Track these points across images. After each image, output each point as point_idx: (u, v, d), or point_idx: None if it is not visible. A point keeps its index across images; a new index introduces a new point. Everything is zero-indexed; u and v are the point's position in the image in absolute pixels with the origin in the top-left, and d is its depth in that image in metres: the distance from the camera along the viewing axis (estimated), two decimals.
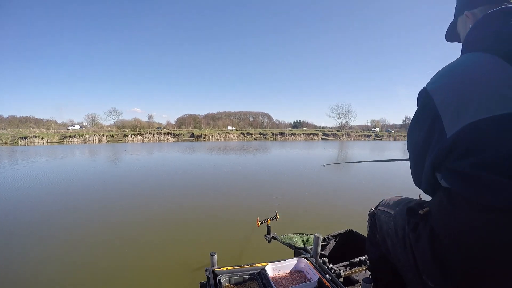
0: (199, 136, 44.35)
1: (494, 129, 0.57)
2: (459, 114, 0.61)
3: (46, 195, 6.22)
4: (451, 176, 0.64)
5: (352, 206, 5.12)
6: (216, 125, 63.90)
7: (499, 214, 0.56)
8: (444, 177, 0.66)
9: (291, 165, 11.96)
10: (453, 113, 0.62)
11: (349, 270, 1.65)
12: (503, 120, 0.56)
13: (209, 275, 1.11)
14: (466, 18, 0.78)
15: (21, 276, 2.72)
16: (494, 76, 0.60)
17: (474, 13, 0.75)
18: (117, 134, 41.42)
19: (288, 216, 4.29)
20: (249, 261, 1.26)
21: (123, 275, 2.74)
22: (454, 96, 0.63)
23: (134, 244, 3.45)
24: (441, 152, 0.64)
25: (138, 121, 59.84)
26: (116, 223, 4.26)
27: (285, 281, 1.09)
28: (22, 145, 31.22)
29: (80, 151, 20.28)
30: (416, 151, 0.75)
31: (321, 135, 53.12)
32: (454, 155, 0.62)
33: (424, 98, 0.70)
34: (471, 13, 0.76)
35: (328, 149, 23.91)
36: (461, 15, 0.81)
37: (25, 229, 4.01)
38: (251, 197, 5.99)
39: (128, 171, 10.34)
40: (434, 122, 0.66)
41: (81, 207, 5.10)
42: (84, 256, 3.14)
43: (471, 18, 0.76)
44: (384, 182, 7.81)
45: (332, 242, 1.99)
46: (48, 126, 50.91)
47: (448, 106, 0.63)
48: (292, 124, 77.15)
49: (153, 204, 5.32)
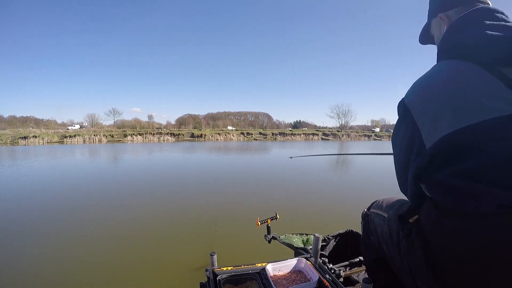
0: (199, 136, 44.36)
1: (470, 138, 0.57)
2: (436, 125, 0.61)
3: (46, 194, 6.22)
4: (433, 186, 0.64)
5: (352, 206, 5.12)
6: (216, 125, 63.93)
7: (483, 220, 0.56)
8: (426, 188, 0.67)
9: (291, 165, 11.96)
10: (431, 125, 0.62)
11: (349, 270, 1.65)
12: (479, 129, 0.56)
13: (209, 275, 1.10)
14: (440, 21, 0.78)
15: (21, 274, 2.72)
16: (472, 86, 0.59)
17: (449, 15, 0.75)
18: (117, 134, 41.42)
19: (288, 216, 4.29)
20: (249, 261, 1.26)
21: (123, 275, 2.74)
22: (431, 108, 0.63)
23: (134, 244, 3.45)
24: (422, 163, 0.64)
25: (138, 121, 59.92)
26: (116, 223, 4.26)
27: (285, 281, 1.09)
28: (22, 145, 31.23)
29: (80, 151, 20.29)
30: (399, 161, 0.75)
31: (321, 135, 53.13)
32: (434, 166, 0.63)
33: (403, 110, 0.70)
34: (446, 15, 0.75)
35: (328, 149, 23.90)
36: (435, 17, 0.80)
37: (25, 228, 4.01)
38: (251, 197, 5.99)
39: (128, 171, 10.34)
40: (414, 133, 0.66)
41: (81, 207, 5.10)
42: (84, 255, 3.14)
43: (446, 20, 0.75)
44: (384, 181, 7.80)
45: (332, 242, 1.99)
46: (48, 126, 50.94)
47: (426, 118, 0.63)
48: (292, 124, 77.20)
49: (153, 204, 5.32)
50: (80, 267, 2.88)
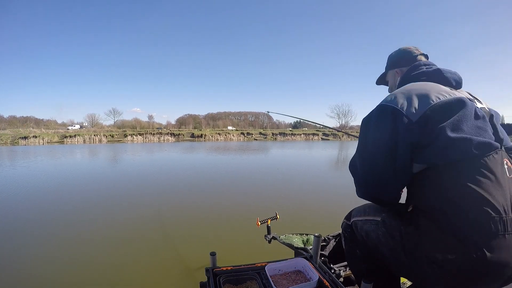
0: (199, 136, 44.37)
1: (438, 110, 0.79)
2: (417, 106, 0.80)
3: (46, 194, 6.21)
4: (435, 150, 0.77)
5: (352, 206, 5.10)
6: (216, 125, 63.96)
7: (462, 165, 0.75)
8: (425, 160, 0.79)
9: (291, 165, 11.96)
10: (412, 107, 0.80)
11: (349, 270, 1.65)
12: (444, 104, 0.80)
13: (209, 275, 1.10)
14: (395, 73, 1.16)
15: (20, 274, 2.72)
16: (432, 86, 0.88)
17: (402, 70, 1.12)
18: (117, 134, 41.43)
19: (288, 216, 4.29)
20: (249, 261, 1.26)
21: (123, 274, 2.74)
22: (409, 98, 0.83)
23: (134, 244, 3.44)
24: (415, 133, 0.78)
25: (138, 121, 59.97)
26: (115, 223, 4.25)
27: (285, 281, 1.09)
28: (22, 145, 31.24)
29: (80, 151, 20.29)
30: (381, 154, 0.83)
31: (321, 135, 53.11)
32: (428, 130, 0.77)
33: (382, 107, 0.87)
34: (400, 70, 1.13)
35: (327, 149, 23.90)
36: (392, 70, 1.18)
37: (25, 228, 4.01)
38: (251, 197, 5.99)
39: (128, 171, 10.34)
40: (396, 118, 0.81)
41: (80, 207, 5.10)
42: (83, 255, 3.14)
43: (399, 73, 1.13)
44: None
45: (332, 242, 1.99)
46: (48, 126, 50.99)
47: (407, 104, 0.81)
48: (292, 124, 77.18)
49: (153, 204, 5.32)
50: (79, 267, 2.88)
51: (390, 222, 0.90)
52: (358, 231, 1.06)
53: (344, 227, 1.16)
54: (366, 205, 1.07)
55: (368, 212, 1.03)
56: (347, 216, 1.16)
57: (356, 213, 1.09)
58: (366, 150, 0.88)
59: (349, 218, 1.14)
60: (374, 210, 1.00)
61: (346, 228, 1.15)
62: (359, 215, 1.07)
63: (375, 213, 0.99)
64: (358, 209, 1.10)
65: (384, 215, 0.94)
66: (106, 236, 3.72)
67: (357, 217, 1.07)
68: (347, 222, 1.14)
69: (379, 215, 0.96)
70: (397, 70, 1.14)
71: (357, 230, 1.06)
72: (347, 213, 1.18)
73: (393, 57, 1.17)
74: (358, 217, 1.06)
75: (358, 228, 1.05)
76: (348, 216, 1.15)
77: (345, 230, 1.15)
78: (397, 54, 1.15)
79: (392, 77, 1.18)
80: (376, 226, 0.95)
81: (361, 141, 0.90)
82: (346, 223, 1.15)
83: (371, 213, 1.01)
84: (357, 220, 1.07)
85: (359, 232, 1.05)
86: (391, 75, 1.19)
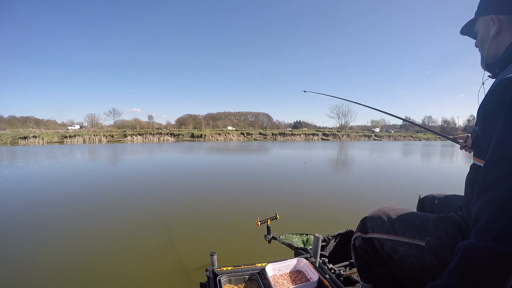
0: (199, 136, 44.35)
1: None
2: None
3: (46, 194, 6.21)
4: None
5: (352, 206, 5.12)
6: (216, 125, 63.92)
7: None
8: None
9: (291, 165, 11.95)
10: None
11: (349, 270, 1.65)
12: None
13: (209, 275, 1.10)
14: (490, 21, 0.78)
15: (20, 274, 2.72)
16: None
17: (500, 19, 0.75)
18: (117, 134, 41.41)
19: (288, 216, 4.29)
20: (249, 261, 1.26)
21: (123, 275, 2.74)
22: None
23: (134, 244, 3.44)
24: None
25: (138, 121, 59.89)
26: (115, 223, 4.25)
27: (285, 281, 1.09)
28: (22, 145, 31.20)
29: (80, 151, 20.27)
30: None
31: (321, 135, 53.13)
32: None
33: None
34: (497, 18, 0.75)
35: (328, 149, 23.90)
36: (484, 16, 0.81)
37: (25, 228, 4.01)
38: (251, 197, 5.99)
39: (128, 171, 10.34)
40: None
41: (80, 207, 5.09)
42: (83, 256, 3.13)
43: (496, 23, 0.75)
44: (385, 181, 7.81)
45: (332, 242, 1.99)
46: (48, 126, 50.93)
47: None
48: (292, 124, 77.16)
49: (153, 204, 5.32)
50: (79, 267, 2.87)
51: (442, 250, 0.72)
52: (385, 250, 0.88)
53: (360, 244, 0.96)
54: (389, 215, 0.88)
55: (401, 230, 0.83)
56: (361, 228, 0.96)
57: (377, 227, 0.90)
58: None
59: (364, 231, 0.94)
60: (411, 229, 0.81)
61: (363, 245, 0.95)
62: (384, 231, 0.88)
63: (413, 233, 0.80)
64: (379, 220, 0.90)
65: (430, 239, 0.76)
66: (106, 236, 3.72)
67: (381, 234, 0.89)
68: (363, 236, 0.94)
69: (420, 238, 0.78)
70: (493, 17, 0.77)
71: (383, 249, 0.89)
72: (360, 224, 0.98)
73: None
74: (383, 235, 0.88)
75: (386, 248, 0.88)
76: (364, 229, 0.95)
77: (361, 247, 0.96)
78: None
79: (485, 26, 0.82)
80: (420, 252, 0.78)
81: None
82: (362, 238, 0.95)
83: (407, 233, 0.81)
84: (382, 238, 0.89)
85: (388, 253, 0.88)
86: (482, 23, 0.83)
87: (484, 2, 0.82)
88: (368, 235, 0.93)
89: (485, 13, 0.80)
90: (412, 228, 0.81)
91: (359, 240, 0.97)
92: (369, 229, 0.93)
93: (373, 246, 0.92)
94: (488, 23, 0.79)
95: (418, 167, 11.64)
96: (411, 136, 57.14)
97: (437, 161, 14.37)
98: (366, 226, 0.94)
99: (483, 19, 0.82)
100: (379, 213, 0.92)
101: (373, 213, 0.95)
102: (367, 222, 0.94)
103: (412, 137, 56.24)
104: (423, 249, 0.77)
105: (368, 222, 0.94)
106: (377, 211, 0.93)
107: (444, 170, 10.98)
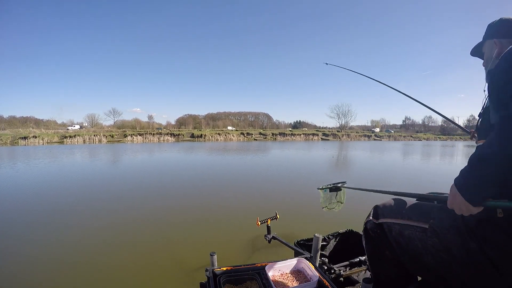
0: (199, 136, 44.36)
1: None
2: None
3: (45, 194, 6.21)
4: None
5: (352, 206, 5.11)
6: (216, 125, 63.94)
7: None
8: None
9: (291, 165, 11.95)
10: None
11: (349, 270, 1.65)
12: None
13: (209, 275, 1.10)
14: (493, 44, 0.95)
15: (19, 275, 2.72)
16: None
17: (502, 42, 0.91)
18: (117, 134, 41.42)
19: (288, 216, 4.29)
20: (249, 261, 1.26)
21: (123, 275, 2.74)
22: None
23: (134, 244, 3.44)
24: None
25: (138, 121, 59.90)
26: (115, 223, 4.25)
27: (285, 281, 1.09)
28: (22, 145, 31.22)
29: (79, 152, 20.27)
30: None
31: (321, 135, 53.15)
32: None
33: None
34: (499, 41, 0.92)
35: (328, 149, 23.90)
36: (489, 39, 0.97)
37: (20, 229, 4.00)
38: (251, 197, 5.98)
39: (128, 171, 10.33)
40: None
41: (79, 208, 5.09)
42: (83, 256, 3.13)
43: (498, 45, 0.92)
44: (384, 179, 7.81)
45: (332, 242, 1.99)
46: (48, 126, 50.92)
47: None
48: (292, 124, 77.15)
49: (153, 204, 5.32)
50: (79, 268, 2.87)
51: (449, 233, 0.80)
52: (392, 234, 0.97)
53: (371, 227, 1.05)
54: (398, 203, 0.98)
55: (408, 215, 0.92)
56: (373, 214, 1.06)
57: (387, 213, 0.99)
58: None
59: (376, 216, 1.04)
60: (417, 214, 0.89)
61: (373, 228, 1.04)
62: (392, 216, 0.97)
63: (418, 217, 0.88)
64: (389, 207, 1.00)
65: (433, 222, 0.84)
66: (106, 237, 3.71)
67: (391, 218, 0.97)
68: (374, 221, 1.04)
69: (425, 221, 0.86)
70: (495, 41, 0.95)
71: (391, 233, 0.97)
72: (372, 210, 1.08)
73: (494, 26, 1.00)
74: (393, 219, 0.96)
75: (393, 232, 0.96)
76: (375, 214, 1.05)
77: (372, 230, 1.05)
78: (498, 23, 0.98)
79: (490, 48, 0.99)
80: (423, 234, 0.86)
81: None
82: (373, 222, 1.04)
83: (413, 217, 0.90)
84: (391, 222, 0.97)
85: (395, 237, 0.96)
86: (488, 45, 1.00)
87: (489, 28, 0.98)
88: (379, 220, 1.03)
89: (490, 37, 0.97)
90: (418, 212, 0.90)
91: (371, 223, 1.06)
92: (380, 216, 1.03)
93: (382, 230, 1.01)
94: (492, 45, 0.96)
95: (418, 167, 11.65)
96: (411, 136, 57.19)
97: (437, 161, 14.38)
98: (377, 212, 1.04)
99: (488, 42, 0.98)
100: (390, 201, 1.02)
101: (384, 201, 1.06)
102: (379, 209, 1.04)
103: (412, 137, 56.28)
104: (426, 231, 0.85)
105: (379, 209, 1.04)
106: (388, 200, 1.03)
107: (444, 170, 10.98)
